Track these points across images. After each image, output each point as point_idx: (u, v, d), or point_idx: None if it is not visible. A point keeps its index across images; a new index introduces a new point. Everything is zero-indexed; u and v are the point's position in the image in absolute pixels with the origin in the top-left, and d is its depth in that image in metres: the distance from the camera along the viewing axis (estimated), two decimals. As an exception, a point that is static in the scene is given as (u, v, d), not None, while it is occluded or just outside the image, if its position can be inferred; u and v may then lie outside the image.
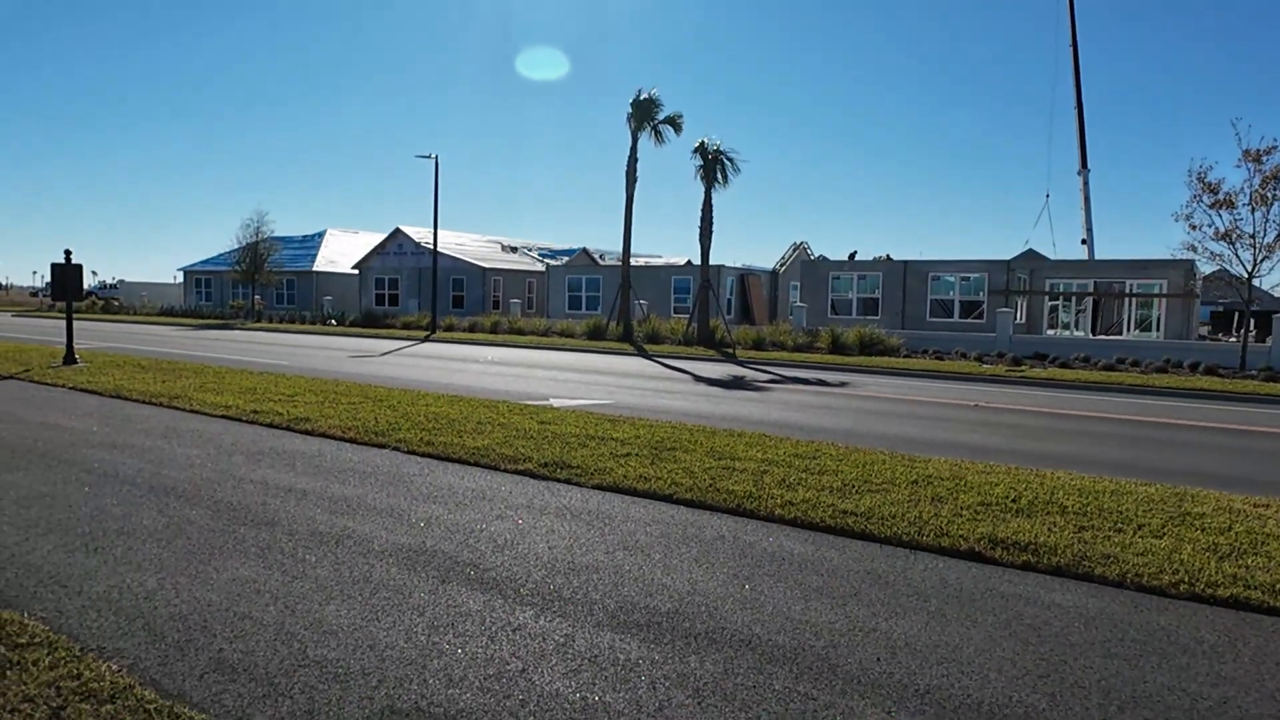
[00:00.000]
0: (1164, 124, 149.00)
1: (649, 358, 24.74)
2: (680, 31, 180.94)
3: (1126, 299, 33.67)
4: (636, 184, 31.57)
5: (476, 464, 8.22)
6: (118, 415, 10.90)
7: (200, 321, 44.17)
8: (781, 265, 47.34)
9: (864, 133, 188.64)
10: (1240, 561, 5.47)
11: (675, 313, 37.90)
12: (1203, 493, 7.38)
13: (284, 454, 8.59)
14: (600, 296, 40.77)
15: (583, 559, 5.47)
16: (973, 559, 5.62)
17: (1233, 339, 32.82)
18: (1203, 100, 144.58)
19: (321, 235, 56.92)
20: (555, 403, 13.08)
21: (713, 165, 29.38)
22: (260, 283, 47.51)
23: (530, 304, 47.57)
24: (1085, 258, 45.12)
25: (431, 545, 5.68)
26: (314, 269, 52.35)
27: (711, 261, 30.85)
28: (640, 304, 35.20)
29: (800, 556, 5.60)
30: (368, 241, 55.32)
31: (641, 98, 30.72)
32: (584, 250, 54.78)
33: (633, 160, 31.34)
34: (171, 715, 3.37)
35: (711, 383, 17.76)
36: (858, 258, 38.83)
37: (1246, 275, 22.88)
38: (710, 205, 29.67)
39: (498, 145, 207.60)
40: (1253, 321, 26.15)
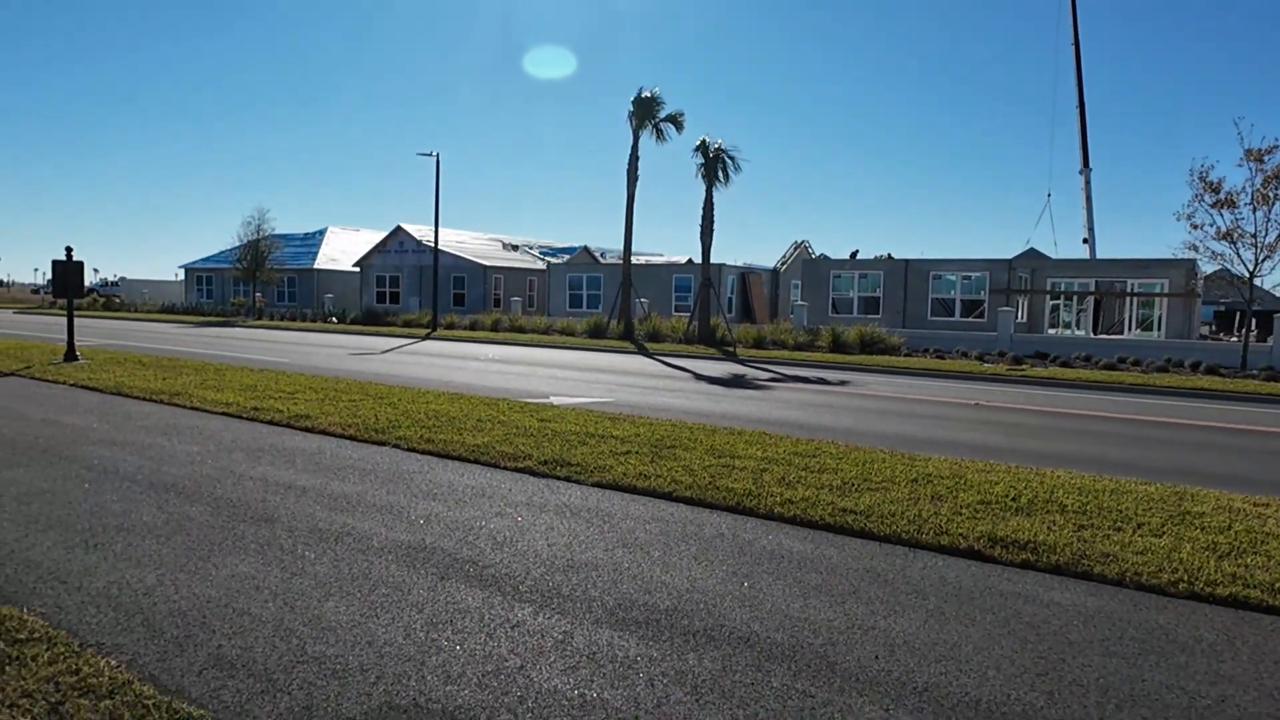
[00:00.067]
0: (1166, 123, 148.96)
1: (650, 356, 24.74)
2: (682, 31, 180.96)
3: (1128, 298, 33.65)
4: (638, 182, 31.56)
5: (476, 461, 8.23)
6: (118, 412, 10.91)
7: (201, 319, 44.18)
8: (782, 264, 47.31)
9: (865, 132, 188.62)
10: (1239, 560, 5.47)
11: (676, 311, 37.90)
12: (1202, 492, 7.38)
13: (284, 451, 8.59)
14: (601, 295, 40.76)
15: (582, 556, 5.47)
16: (972, 557, 5.62)
17: (1234, 339, 32.80)
18: (1204, 100, 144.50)
19: (322, 233, 56.93)
20: (555, 400, 13.08)
21: (714, 163, 29.36)
22: (261, 280, 47.54)
23: (531, 302, 47.58)
24: (1087, 257, 45.10)
25: (431, 542, 5.69)
26: (315, 267, 52.35)
27: (712, 260, 30.84)
28: (641, 302, 35.20)
29: (799, 554, 5.60)
30: (369, 239, 55.32)
31: (643, 96, 30.70)
32: (585, 248, 54.77)
33: (634, 158, 31.33)
34: (170, 710, 3.38)
35: (712, 381, 17.76)
36: (859, 257, 38.79)
37: (1248, 275, 22.87)
38: (711, 204, 29.65)
39: (499, 143, 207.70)
40: (1254, 321, 26.14)
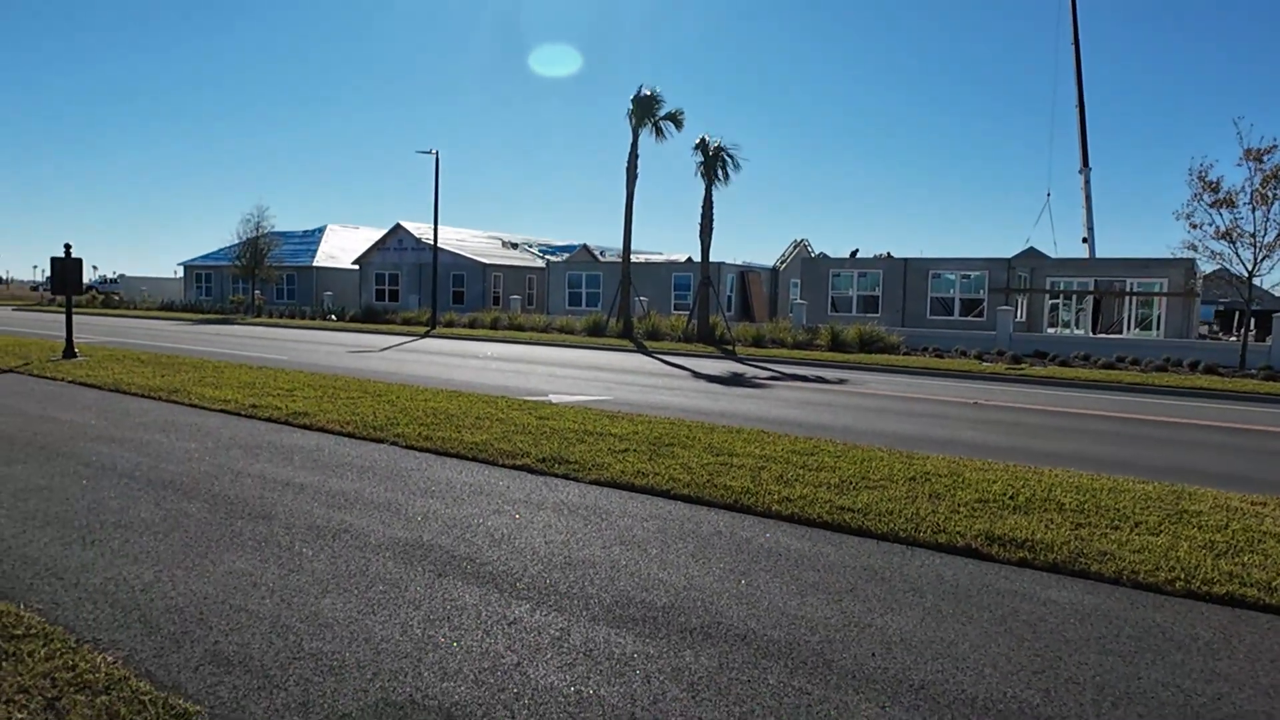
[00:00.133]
0: (1165, 123, 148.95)
1: (649, 354, 24.74)
2: (683, 31, 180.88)
3: (1127, 297, 33.67)
4: (637, 181, 31.55)
5: (474, 459, 8.23)
6: (116, 409, 10.91)
7: (200, 316, 44.15)
8: (782, 263, 47.30)
9: (865, 131, 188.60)
10: (1236, 559, 5.47)
11: (675, 309, 37.88)
12: (1200, 491, 7.38)
13: (282, 448, 8.59)
14: (600, 293, 40.74)
15: (579, 554, 5.47)
16: (969, 555, 5.62)
17: (1233, 338, 32.82)
18: (1204, 99, 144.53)
19: (322, 230, 56.86)
20: (554, 398, 13.08)
21: (713, 162, 29.35)
22: (260, 278, 47.49)
23: (530, 300, 47.56)
24: (1086, 256, 45.12)
25: (428, 539, 5.69)
26: (314, 264, 52.29)
27: (712, 258, 30.83)
28: (640, 301, 35.19)
29: (797, 552, 5.60)
30: (368, 237, 55.26)
31: (642, 94, 30.68)
32: (584, 246, 54.71)
33: (633, 157, 31.31)
34: (166, 707, 3.38)
35: (711, 379, 17.76)
36: (859, 256, 38.79)
37: (1247, 274, 22.88)
38: (711, 202, 29.64)
39: (499, 142, 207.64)
40: (1253, 321, 26.15)
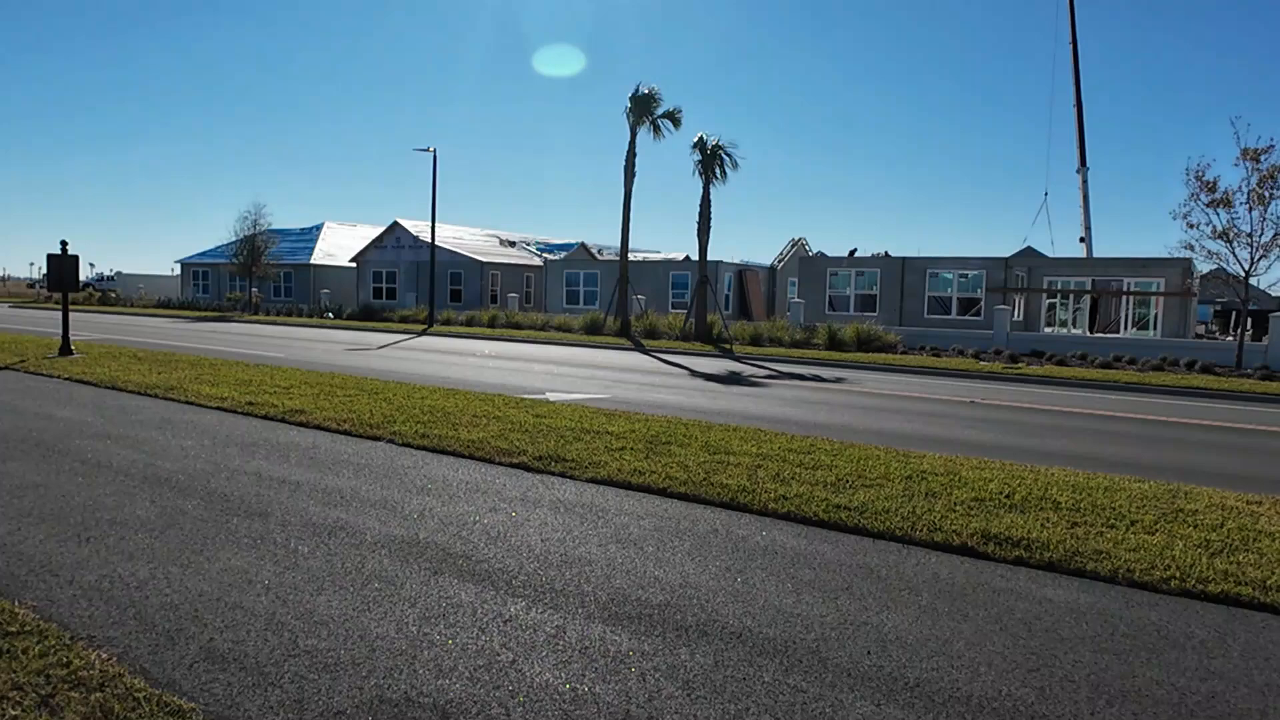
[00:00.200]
0: (1163, 122, 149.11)
1: (646, 353, 24.74)
2: (681, 30, 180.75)
3: (1124, 297, 33.70)
4: (635, 179, 31.53)
5: (471, 457, 8.22)
6: (112, 406, 10.89)
7: (197, 314, 44.10)
8: (779, 261, 47.29)
9: (863, 130, 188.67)
10: (1232, 558, 5.48)
11: (673, 308, 37.87)
12: (1196, 489, 7.39)
13: (278, 446, 8.58)
14: (598, 291, 40.73)
15: (576, 551, 5.47)
16: (965, 554, 5.63)
17: (1230, 338, 32.88)
18: (1202, 99, 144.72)
19: (319, 228, 56.78)
20: (551, 397, 13.08)
21: (711, 160, 29.33)
22: (257, 275, 47.40)
23: (528, 298, 47.52)
24: (1083, 255, 45.17)
25: (425, 537, 5.68)
26: (311, 262, 52.21)
27: (710, 257, 30.83)
28: (638, 299, 35.17)
29: (793, 550, 5.60)
30: (365, 235, 55.22)
31: (640, 93, 30.66)
32: (582, 245, 54.68)
33: (631, 155, 31.29)
34: (160, 703, 3.37)
35: (708, 378, 17.76)
36: (857, 255, 38.79)
37: (1243, 274, 22.90)
38: (708, 200, 29.63)
39: (498, 140, 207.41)
40: (1250, 320, 26.19)
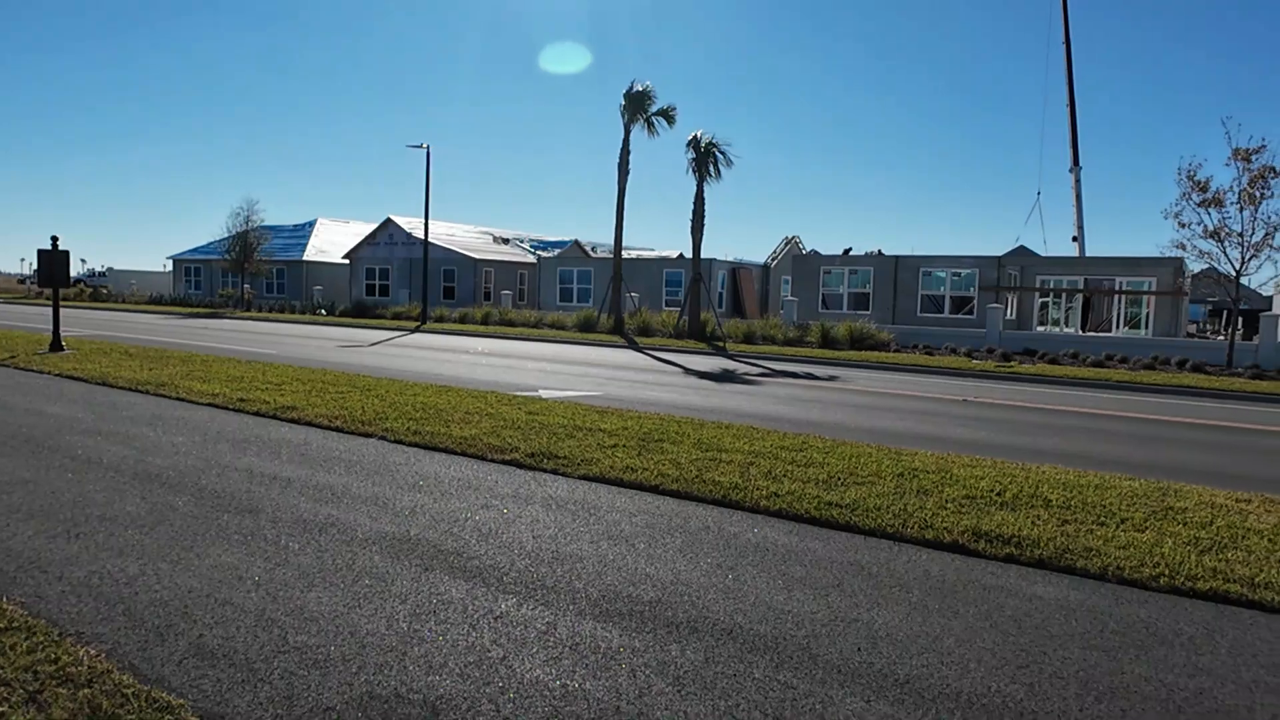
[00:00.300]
0: (1155, 122, 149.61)
1: (639, 350, 24.74)
2: (675, 29, 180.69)
3: (1116, 296, 33.83)
4: (629, 176, 31.55)
5: (463, 454, 8.21)
6: (103, 402, 10.84)
7: (189, 310, 43.97)
8: (773, 259, 47.31)
9: (857, 129, 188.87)
10: (1220, 555, 5.51)
11: (666, 306, 37.86)
12: (1186, 487, 7.42)
13: (270, 442, 8.56)
14: (592, 289, 40.71)
15: (567, 548, 5.47)
16: (956, 551, 5.64)
17: (1221, 336, 33.04)
18: (1194, 99, 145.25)
19: (312, 225, 56.64)
20: (544, 394, 13.07)
21: (705, 158, 29.35)
22: (250, 272, 47.26)
23: (521, 296, 47.47)
24: (1076, 254, 45.31)
25: (416, 534, 5.67)
26: (304, 258, 52.08)
27: (703, 255, 30.85)
28: (631, 296, 35.18)
29: (784, 547, 5.61)
30: (358, 231, 55.09)
31: (634, 90, 30.66)
32: (576, 242, 54.63)
33: (625, 153, 31.30)
34: (149, 699, 3.36)
35: (701, 375, 17.77)
36: (851, 254, 38.84)
37: (1234, 273, 23.01)
38: (702, 198, 29.66)
39: (491, 137, 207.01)
40: (1240, 320, 26.32)
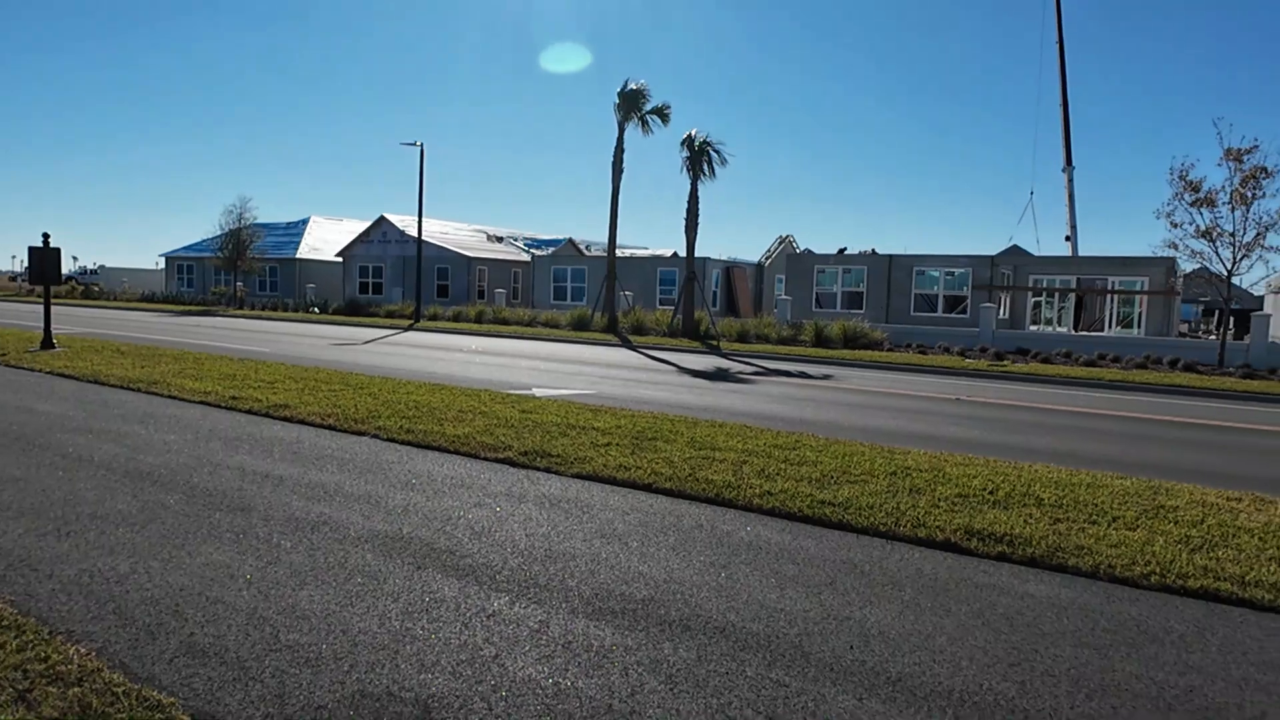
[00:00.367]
0: (1148, 122, 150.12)
1: (633, 349, 24.73)
2: (669, 29, 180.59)
3: (1108, 295, 33.93)
4: (623, 175, 31.51)
5: (456, 452, 8.20)
6: (95, 400, 10.80)
7: (182, 308, 43.79)
8: (767, 258, 47.33)
9: (851, 129, 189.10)
10: (1211, 554, 5.53)
11: (660, 304, 37.86)
12: (1177, 486, 7.45)
13: (262, 440, 8.53)
14: (585, 287, 40.66)
15: (560, 547, 5.46)
16: (949, 549, 5.65)
17: (1213, 335, 33.19)
18: (1186, 99, 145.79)
19: (305, 222, 56.45)
20: (538, 392, 13.06)
21: (699, 157, 29.33)
22: (243, 269, 47.07)
23: (515, 294, 47.39)
24: (1069, 254, 45.45)
25: (408, 532, 5.66)
26: (297, 256, 51.88)
27: (697, 254, 30.81)
28: (625, 295, 35.16)
29: (777, 546, 5.62)
30: (352, 229, 54.91)
31: (629, 88, 30.61)
32: (570, 240, 54.56)
33: (619, 151, 31.26)
34: (139, 698, 3.35)
35: (695, 374, 17.77)
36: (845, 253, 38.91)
37: (1226, 273, 23.10)
38: (696, 197, 29.62)
39: (486, 135, 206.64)
40: (1232, 319, 26.45)
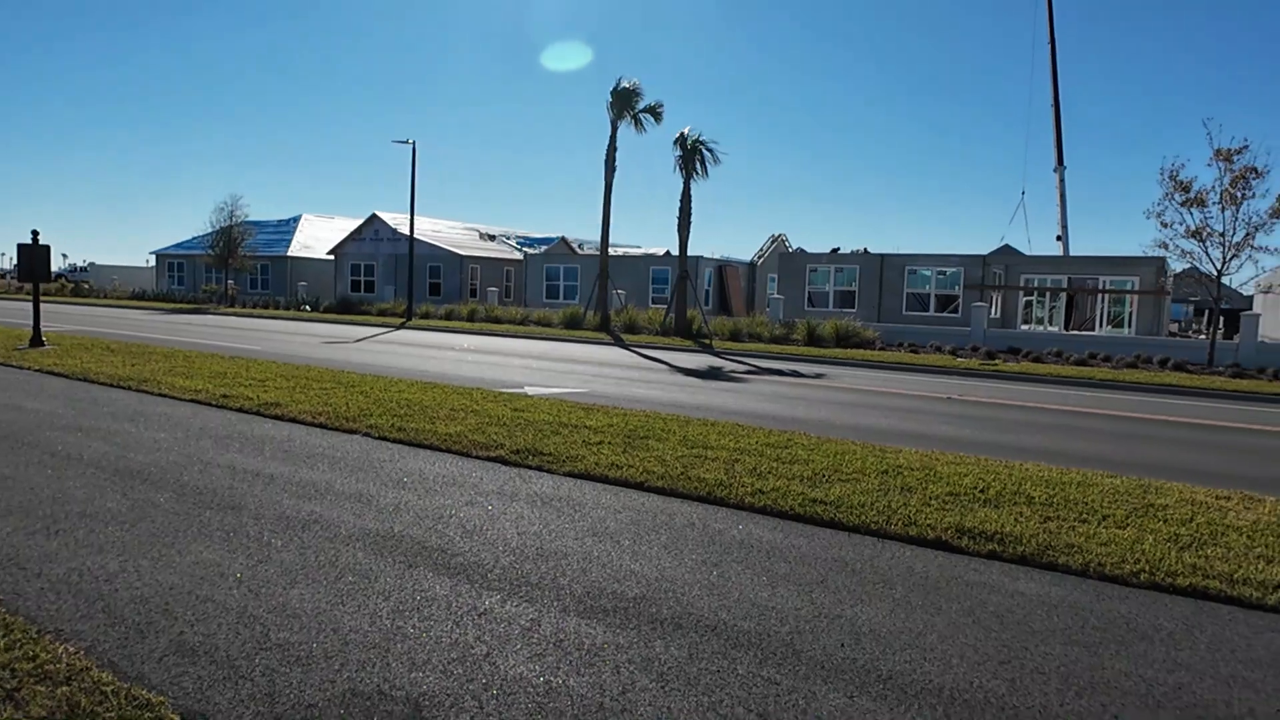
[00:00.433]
0: (1139, 123, 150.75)
1: (626, 347, 24.72)
2: (662, 28, 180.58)
3: (1099, 295, 34.09)
4: (615, 173, 31.51)
5: (448, 450, 8.18)
6: (84, 398, 10.74)
7: (172, 306, 43.60)
8: (759, 257, 47.37)
9: (844, 128, 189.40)
10: (1200, 552, 5.56)
11: (653, 303, 37.88)
12: (1166, 485, 7.49)
13: (253, 438, 8.50)
14: (578, 286, 40.65)
15: (552, 545, 5.46)
16: (939, 548, 5.67)
17: (1203, 335, 33.36)
18: (1177, 100, 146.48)
19: (297, 220, 56.29)
20: (530, 391, 13.04)
21: (691, 156, 29.35)
22: (234, 267, 46.92)
23: (508, 292, 47.36)
24: (1060, 254, 45.61)
25: (400, 530, 5.65)
26: (289, 254, 51.74)
27: (690, 252, 30.85)
28: (618, 294, 35.15)
29: (769, 544, 5.62)
30: (344, 227, 54.78)
31: (622, 87, 30.61)
32: (562, 239, 54.50)
33: (612, 149, 31.26)
34: (128, 697, 3.33)
35: (687, 373, 17.78)
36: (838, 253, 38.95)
37: (1216, 273, 23.23)
38: (689, 196, 29.66)
39: (478, 133, 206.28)
40: (1222, 319, 26.60)
